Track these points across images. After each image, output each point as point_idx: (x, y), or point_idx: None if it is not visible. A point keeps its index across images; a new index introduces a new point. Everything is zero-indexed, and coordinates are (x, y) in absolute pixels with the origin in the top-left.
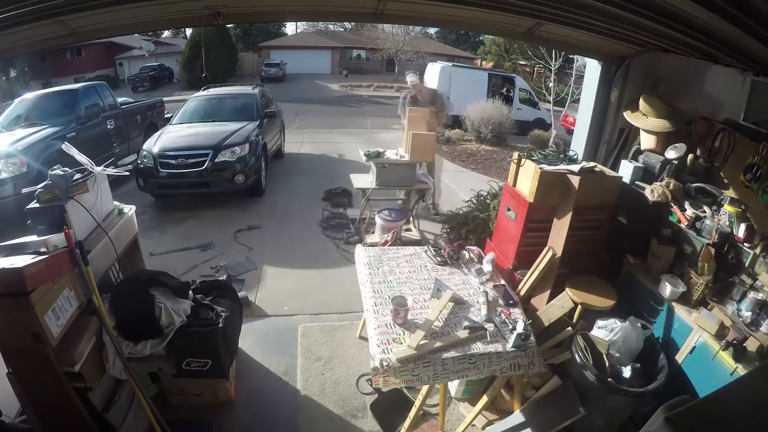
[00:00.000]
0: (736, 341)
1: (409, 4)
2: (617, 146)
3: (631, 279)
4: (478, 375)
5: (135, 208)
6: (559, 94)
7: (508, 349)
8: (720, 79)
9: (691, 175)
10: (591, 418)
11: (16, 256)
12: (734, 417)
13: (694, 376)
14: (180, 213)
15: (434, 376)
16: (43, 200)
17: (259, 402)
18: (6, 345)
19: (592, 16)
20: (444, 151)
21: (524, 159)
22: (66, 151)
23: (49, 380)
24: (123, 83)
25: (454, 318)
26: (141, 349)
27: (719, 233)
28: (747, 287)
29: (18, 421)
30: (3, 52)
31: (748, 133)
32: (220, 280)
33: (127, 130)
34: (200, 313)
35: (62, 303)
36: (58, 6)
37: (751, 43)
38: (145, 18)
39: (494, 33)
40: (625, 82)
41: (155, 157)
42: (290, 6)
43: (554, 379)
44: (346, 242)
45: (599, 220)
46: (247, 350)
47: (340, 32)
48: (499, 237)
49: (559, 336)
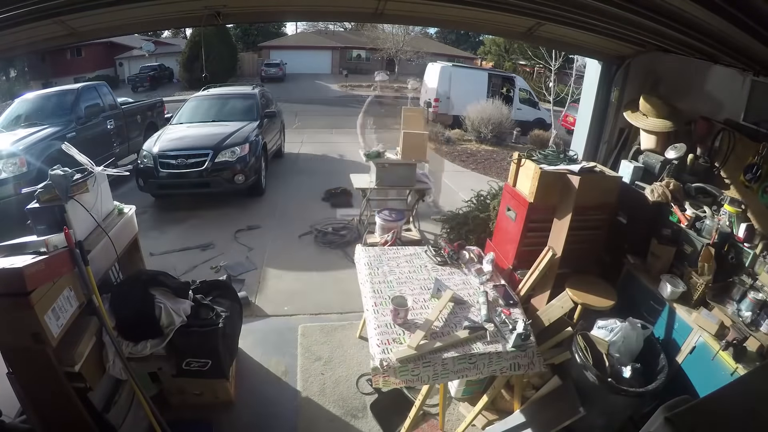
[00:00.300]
0: (736, 341)
1: (409, 4)
2: (617, 146)
3: (631, 279)
4: (478, 375)
5: (135, 208)
6: (559, 94)
7: (508, 349)
8: (720, 79)
9: (691, 175)
10: (591, 418)
11: (16, 256)
12: (734, 417)
13: (694, 376)
14: (180, 213)
15: (434, 376)
16: (43, 200)
17: (259, 402)
18: (6, 345)
19: (592, 16)
20: (444, 151)
21: (524, 159)
22: (66, 151)
23: (49, 380)
24: (123, 83)
25: (454, 318)
26: (141, 349)
27: (719, 233)
28: (747, 287)
29: (18, 421)
30: (3, 52)
31: (748, 133)
32: (220, 280)
33: (127, 130)
34: (200, 313)
35: (62, 303)
36: (58, 6)
37: (751, 43)
38: (145, 18)
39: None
40: (625, 82)
41: (155, 157)
42: (290, 6)
43: (554, 379)
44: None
45: (599, 220)
46: (247, 350)
47: (340, 32)
48: (499, 237)
49: (559, 336)
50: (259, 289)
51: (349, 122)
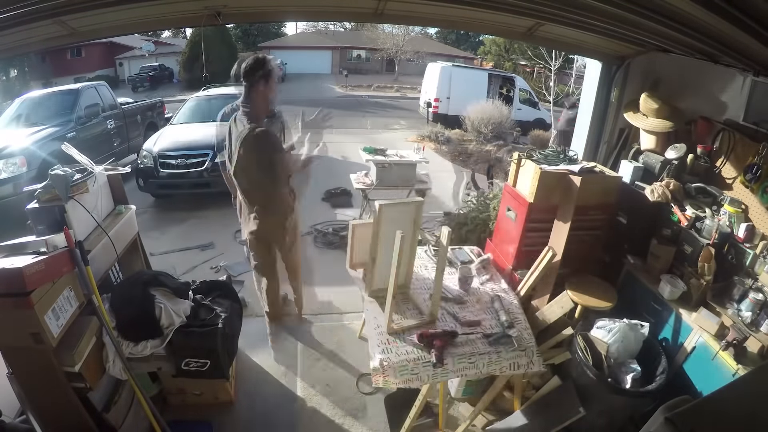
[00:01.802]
0: (736, 341)
1: (409, 4)
2: (617, 146)
3: (631, 279)
4: (478, 375)
5: (135, 208)
6: (559, 95)
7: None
8: (720, 79)
9: (691, 175)
10: (591, 419)
11: (16, 256)
12: (734, 417)
13: (694, 376)
14: (180, 213)
15: (434, 375)
16: (42, 200)
17: (258, 402)
18: (6, 345)
19: (592, 16)
20: (444, 150)
21: (524, 159)
22: (66, 151)
23: (49, 380)
24: (123, 83)
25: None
26: (141, 349)
27: (719, 233)
28: (747, 287)
29: (18, 422)
30: (3, 52)
31: (748, 133)
32: (220, 281)
33: (127, 130)
34: (200, 314)
35: (62, 303)
36: (59, 6)
37: (751, 43)
38: (145, 18)
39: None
40: (625, 82)
41: (155, 157)
42: (290, 6)
43: (554, 379)
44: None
45: (599, 220)
46: (247, 350)
47: (340, 32)
48: (499, 237)
49: (559, 336)
50: None
51: (350, 122)
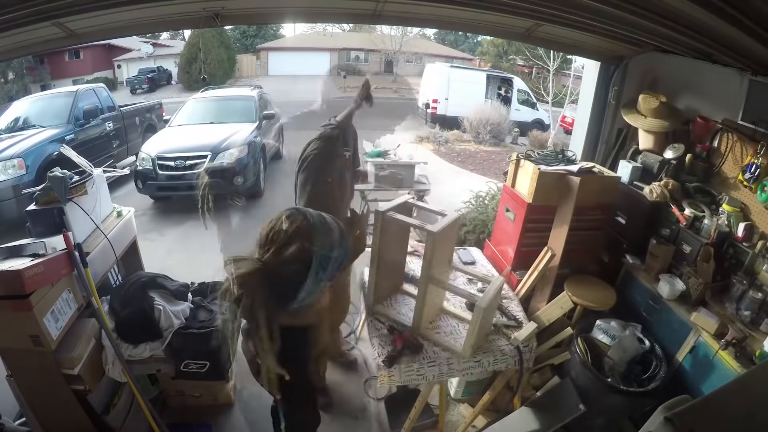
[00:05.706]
0: (735, 340)
1: (408, 5)
2: (615, 146)
3: (630, 279)
4: (482, 372)
5: (134, 210)
6: (557, 95)
7: None
8: (718, 78)
9: (689, 175)
10: (591, 418)
11: (15, 258)
12: (733, 416)
13: (694, 376)
14: (179, 215)
15: (440, 375)
16: (41, 202)
17: (258, 404)
18: (5, 347)
19: (591, 16)
20: (442, 151)
21: (522, 160)
22: (64, 153)
23: (48, 383)
24: (121, 85)
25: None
26: (140, 351)
27: (718, 233)
28: (746, 287)
29: (17, 424)
30: (2, 54)
31: (747, 133)
32: (219, 282)
33: (125, 132)
34: (199, 315)
35: (61, 305)
36: (57, 8)
37: (750, 42)
38: (143, 20)
39: (493, 34)
40: (623, 83)
41: (154, 159)
42: (288, 7)
43: (554, 379)
44: None
45: (598, 220)
46: None
47: (338, 33)
48: (498, 238)
49: (559, 336)
50: None
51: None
